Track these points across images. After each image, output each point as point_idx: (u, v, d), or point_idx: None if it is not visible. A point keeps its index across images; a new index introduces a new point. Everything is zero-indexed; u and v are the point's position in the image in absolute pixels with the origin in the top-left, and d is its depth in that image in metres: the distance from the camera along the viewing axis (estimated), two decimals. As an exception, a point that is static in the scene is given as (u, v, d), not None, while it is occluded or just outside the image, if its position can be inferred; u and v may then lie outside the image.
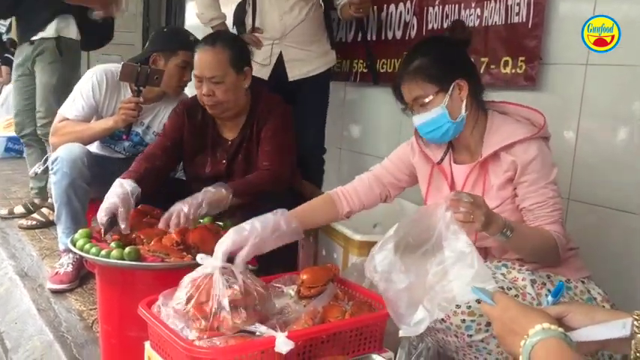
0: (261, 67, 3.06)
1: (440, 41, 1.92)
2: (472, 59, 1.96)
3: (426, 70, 1.74)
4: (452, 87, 1.73)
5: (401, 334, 1.46)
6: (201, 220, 2.18)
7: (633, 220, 2.09)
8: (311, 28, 3.11)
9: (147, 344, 1.68)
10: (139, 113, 2.70)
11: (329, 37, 3.23)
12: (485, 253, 1.82)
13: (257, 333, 1.51)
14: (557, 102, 2.28)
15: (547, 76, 2.35)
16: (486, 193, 1.75)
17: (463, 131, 1.79)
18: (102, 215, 2.04)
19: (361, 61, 3.37)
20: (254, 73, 2.83)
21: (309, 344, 1.56)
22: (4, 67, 7.77)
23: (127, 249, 1.87)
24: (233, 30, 3.33)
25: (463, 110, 1.75)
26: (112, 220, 2.05)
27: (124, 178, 2.19)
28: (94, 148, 2.89)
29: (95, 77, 2.81)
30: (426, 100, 1.74)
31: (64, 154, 2.59)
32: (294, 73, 3.10)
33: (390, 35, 3.16)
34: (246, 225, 1.73)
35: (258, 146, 2.44)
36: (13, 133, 6.74)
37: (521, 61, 2.39)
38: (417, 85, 1.75)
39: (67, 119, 2.79)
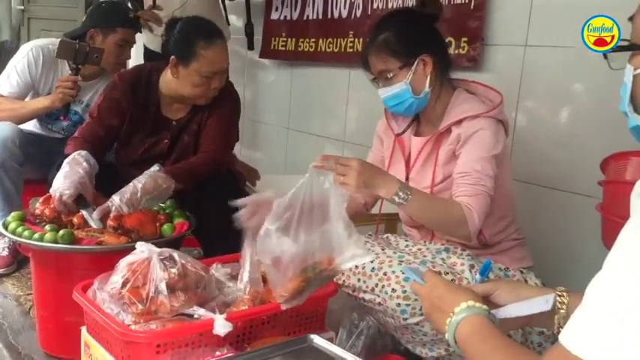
0: (158, 41, 3.10)
1: (408, 15, 1.91)
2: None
3: (390, 45, 1.74)
4: (416, 62, 1.73)
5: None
6: None
7: (571, 199, 2.14)
8: (207, 4, 3.32)
9: (83, 329, 1.64)
10: (77, 92, 2.61)
11: (225, 14, 3.47)
12: (431, 232, 1.84)
13: (195, 316, 1.49)
14: (498, 83, 2.30)
15: (488, 57, 2.38)
16: (436, 168, 1.77)
17: (427, 104, 1.80)
18: (68, 193, 1.92)
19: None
20: (154, 48, 3.13)
21: (248, 325, 1.55)
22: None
23: (61, 232, 1.81)
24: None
25: (427, 86, 1.75)
26: (81, 201, 1.95)
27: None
28: (30, 126, 2.79)
29: (31, 53, 2.71)
30: (390, 75, 1.75)
31: None
32: None
33: (335, 14, 3.14)
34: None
35: (204, 128, 2.38)
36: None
37: (464, 42, 2.41)
38: (381, 60, 1.75)
39: (1, 96, 2.68)
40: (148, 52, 3.59)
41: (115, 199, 1.93)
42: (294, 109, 3.57)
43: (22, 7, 6.93)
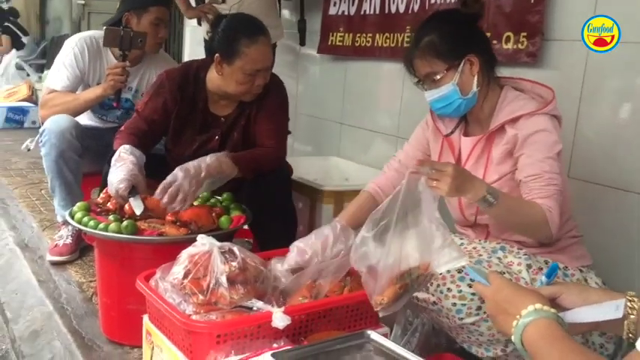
0: None
1: (450, 15, 1.88)
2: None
3: (435, 47, 1.72)
4: (462, 63, 1.72)
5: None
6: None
7: (633, 199, 2.08)
8: (265, 1, 3.36)
9: (145, 317, 1.70)
10: (126, 78, 2.68)
11: (280, 13, 3.49)
12: (486, 231, 1.83)
13: (254, 308, 1.52)
14: (559, 79, 2.26)
15: (549, 53, 2.33)
16: (488, 167, 1.75)
17: (475, 105, 1.78)
18: (123, 187, 1.96)
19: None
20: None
21: (305, 319, 1.57)
22: (4, 37, 7.72)
23: (125, 222, 1.87)
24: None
25: (474, 86, 1.74)
26: (132, 190, 2.00)
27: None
28: (86, 120, 2.87)
29: (76, 46, 2.80)
30: (437, 77, 1.73)
31: (50, 125, 2.59)
32: None
33: (393, 9, 3.12)
34: (307, 248, 1.74)
35: (255, 123, 2.39)
36: (13, 103, 6.78)
37: (523, 36, 2.36)
38: (427, 62, 1.74)
39: (55, 91, 2.77)
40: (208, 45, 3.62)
41: (179, 174, 1.96)
42: (347, 104, 3.57)
43: (83, 2, 7.15)
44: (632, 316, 1.04)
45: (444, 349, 1.83)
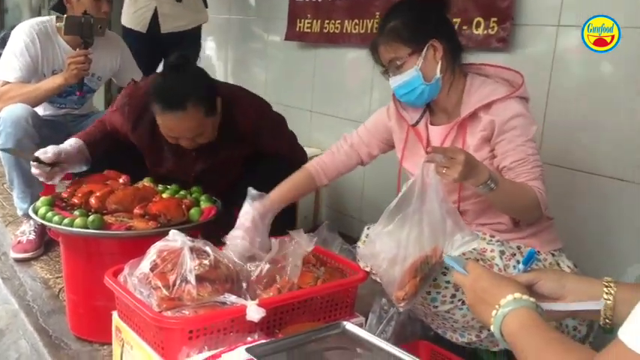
0: (138, 20, 3.52)
1: (416, 2, 1.86)
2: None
3: (399, 32, 1.72)
4: (426, 48, 1.70)
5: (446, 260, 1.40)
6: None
7: (603, 183, 2.10)
8: None
9: (114, 314, 1.65)
10: (89, 65, 2.63)
11: None
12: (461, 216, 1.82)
13: (227, 303, 1.49)
14: (529, 64, 2.26)
15: (519, 38, 2.32)
16: None
17: (440, 93, 1.77)
18: (48, 153, 2.07)
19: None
20: (131, 26, 3.40)
21: (279, 312, 1.55)
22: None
23: (91, 217, 1.82)
24: None
25: (438, 72, 1.72)
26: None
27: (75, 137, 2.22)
28: (41, 111, 2.79)
29: (25, 34, 2.72)
30: (399, 62, 1.72)
31: (6, 114, 2.50)
32: (166, 26, 3.51)
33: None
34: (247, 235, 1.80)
35: (231, 153, 2.26)
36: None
37: (494, 22, 2.35)
38: (390, 48, 1.73)
39: (8, 82, 2.67)
40: (125, 31, 3.59)
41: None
42: (317, 92, 3.53)
43: (42, -11, 6.95)
44: (608, 302, 1.04)
45: (419, 336, 1.83)
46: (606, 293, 1.04)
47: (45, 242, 2.70)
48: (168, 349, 1.42)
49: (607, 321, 1.05)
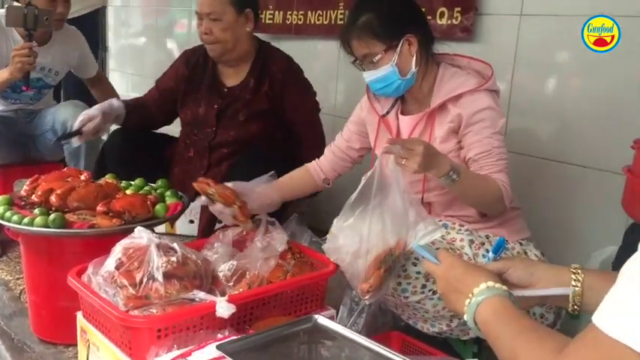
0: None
1: None
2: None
3: (372, 28, 1.68)
4: (401, 44, 1.69)
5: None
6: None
7: (566, 170, 2.13)
8: None
9: (79, 314, 1.61)
10: (34, 59, 2.52)
11: None
12: (428, 208, 1.82)
13: (196, 300, 1.46)
14: (492, 53, 2.27)
15: (482, 27, 2.34)
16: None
17: (414, 84, 1.76)
18: (79, 119, 2.20)
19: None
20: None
21: (249, 307, 1.53)
22: None
23: (52, 216, 1.75)
24: None
25: (413, 66, 1.71)
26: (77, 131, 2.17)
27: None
28: None
29: None
30: (375, 58, 1.70)
31: None
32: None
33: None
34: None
35: (256, 99, 2.40)
36: None
37: (457, 11, 2.36)
38: (364, 44, 1.70)
39: None
40: None
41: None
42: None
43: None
44: (576, 289, 1.05)
45: (390, 327, 1.83)
46: (574, 280, 1.06)
47: (3, 243, 2.61)
48: (135, 349, 1.39)
49: (575, 307, 1.06)
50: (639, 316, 0.65)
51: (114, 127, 2.61)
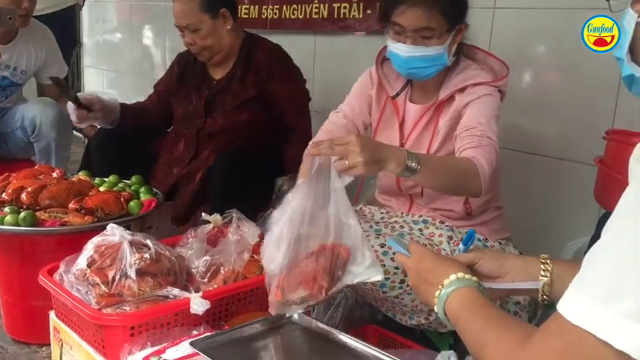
0: None
1: None
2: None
3: (445, 6, 1.60)
4: (456, 29, 1.65)
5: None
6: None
7: (543, 162, 2.15)
8: None
9: (52, 314, 1.59)
10: None
11: None
12: (409, 202, 1.81)
13: (170, 296, 1.44)
14: (467, 46, 2.28)
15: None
16: (435, 138, 1.71)
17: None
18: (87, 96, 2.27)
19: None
20: None
21: (225, 303, 1.52)
22: None
23: (22, 214, 1.73)
24: None
25: (452, 54, 1.68)
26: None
27: None
28: None
29: None
30: (431, 34, 1.60)
31: None
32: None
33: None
34: None
35: (243, 88, 2.40)
36: None
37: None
38: (431, 16, 1.58)
39: None
40: None
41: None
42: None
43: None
44: (545, 279, 1.06)
45: (367, 320, 1.83)
46: (543, 270, 1.06)
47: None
48: (109, 347, 1.37)
49: (545, 297, 1.07)
50: (599, 302, 0.65)
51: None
